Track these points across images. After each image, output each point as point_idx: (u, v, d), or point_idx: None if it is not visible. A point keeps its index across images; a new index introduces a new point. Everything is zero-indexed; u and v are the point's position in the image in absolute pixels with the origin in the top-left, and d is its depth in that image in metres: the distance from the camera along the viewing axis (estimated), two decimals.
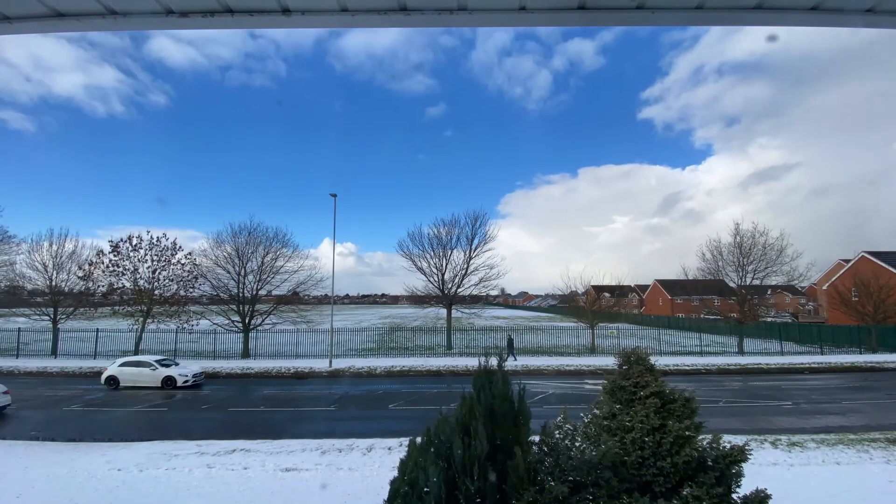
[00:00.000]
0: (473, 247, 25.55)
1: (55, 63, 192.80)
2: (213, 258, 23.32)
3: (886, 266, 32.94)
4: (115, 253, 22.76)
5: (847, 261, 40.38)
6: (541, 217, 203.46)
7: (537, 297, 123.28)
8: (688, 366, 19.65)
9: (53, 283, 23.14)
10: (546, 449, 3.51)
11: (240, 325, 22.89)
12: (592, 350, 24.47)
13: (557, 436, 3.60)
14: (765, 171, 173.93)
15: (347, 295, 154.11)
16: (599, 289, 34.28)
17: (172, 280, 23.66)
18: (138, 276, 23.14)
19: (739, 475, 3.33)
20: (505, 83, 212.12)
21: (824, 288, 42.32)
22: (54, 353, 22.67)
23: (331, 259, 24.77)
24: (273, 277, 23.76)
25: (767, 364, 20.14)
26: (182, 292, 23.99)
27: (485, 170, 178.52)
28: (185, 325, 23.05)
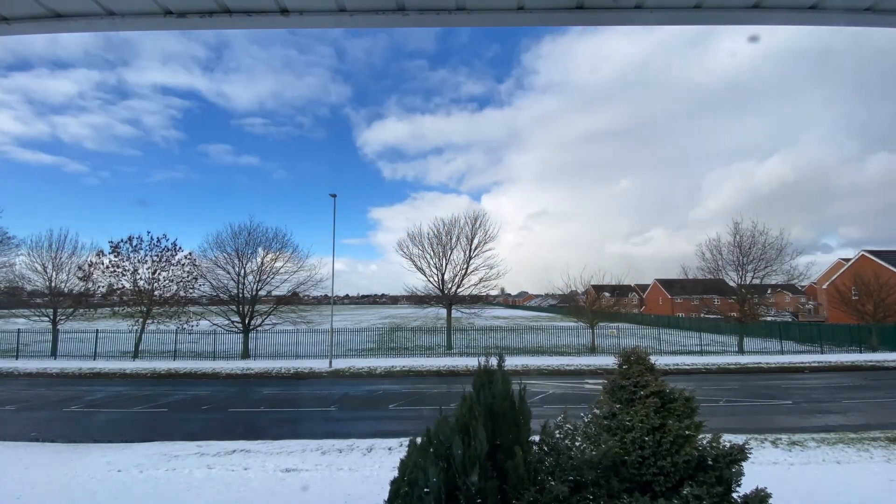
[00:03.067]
0: (473, 247, 25.61)
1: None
2: (213, 258, 23.36)
3: (886, 265, 33.02)
4: (115, 254, 22.79)
5: (847, 259, 40.44)
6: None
7: (537, 296, 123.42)
8: (688, 365, 19.63)
9: (53, 284, 23.13)
10: (546, 449, 3.50)
11: (240, 325, 22.87)
12: (592, 350, 24.46)
13: (558, 435, 3.59)
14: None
15: (347, 295, 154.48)
16: (599, 288, 34.27)
17: (172, 281, 23.67)
18: (138, 276, 23.16)
19: (739, 474, 3.32)
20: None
21: (824, 287, 42.35)
22: (54, 354, 22.65)
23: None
24: (273, 278, 23.77)
25: (768, 363, 20.12)
26: (182, 293, 23.99)
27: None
28: (185, 326, 23.06)
